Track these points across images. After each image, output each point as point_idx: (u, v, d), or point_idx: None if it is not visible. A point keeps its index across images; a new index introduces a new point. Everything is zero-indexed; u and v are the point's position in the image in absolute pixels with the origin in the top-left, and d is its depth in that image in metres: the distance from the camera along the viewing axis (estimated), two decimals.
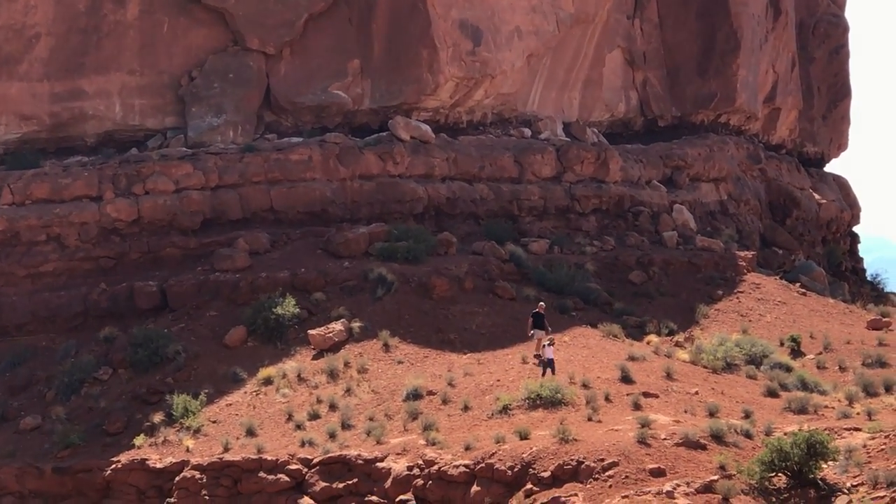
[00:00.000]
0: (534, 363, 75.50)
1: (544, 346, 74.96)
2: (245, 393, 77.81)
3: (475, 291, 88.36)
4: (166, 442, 73.64)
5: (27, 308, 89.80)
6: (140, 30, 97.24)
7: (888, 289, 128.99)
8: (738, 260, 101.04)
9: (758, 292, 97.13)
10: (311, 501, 67.13)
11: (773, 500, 57.77)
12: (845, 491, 57.29)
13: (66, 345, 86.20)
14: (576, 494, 58.39)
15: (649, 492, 57.64)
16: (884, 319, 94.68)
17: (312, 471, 67.94)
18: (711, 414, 66.98)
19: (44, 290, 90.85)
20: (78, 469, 73.35)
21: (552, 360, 73.48)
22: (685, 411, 68.49)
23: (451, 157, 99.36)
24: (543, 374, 72.57)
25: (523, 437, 64.14)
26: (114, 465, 72.63)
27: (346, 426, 71.35)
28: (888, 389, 74.34)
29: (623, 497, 57.63)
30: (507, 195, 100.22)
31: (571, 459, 60.61)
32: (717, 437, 62.36)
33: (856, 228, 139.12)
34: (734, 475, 58.50)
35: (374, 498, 65.48)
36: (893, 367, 79.78)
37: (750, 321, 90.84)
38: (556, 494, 59.01)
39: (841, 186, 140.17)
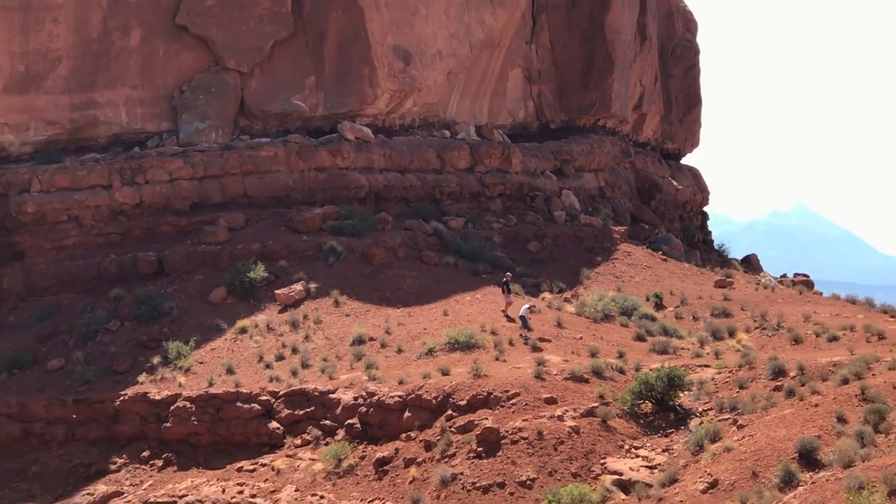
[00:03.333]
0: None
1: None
2: (225, 340, 77.74)
3: (406, 259, 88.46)
4: (163, 379, 73.59)
5: (53, 274, 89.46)
6: (141, 53, 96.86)
7: (731, 255, 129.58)
8: (613, 233, 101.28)
9: (629, 259, 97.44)
10: (278, 425, 67.14)
11: (642, 422, 58.05)
12: (698, 414, 57.65)
13: (83, 303, 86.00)
14: (486, 418, 58.56)
15: (544, 416, 57.84)
16: (728, 279, 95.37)
17: (279, 401, 68.01)
18: (593, 355, 67.32)
19: (66, 259, 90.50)
20: (93, 400, 73.25)
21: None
22: (572, 353, 68.76)
23: (387, 154, 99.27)
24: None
25: (445, 373, 64.34)
26: (122, 397, 72.58)
27: (305, 365, 71.52)
28: (731, 334, 74.93)
29: (524, 420, 57.76)
30: (431, 183, 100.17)
31: (483, 391, 60.81)
32: (597, 373, 62.68)
33: (706, 208, 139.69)
34: (611, 402, 58.83)
35: (327, 422, 65.66)
36: (735, 316, 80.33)
37: (623, 281, 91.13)
38: (471, 419, 59.16)
39: (694, 175, 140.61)
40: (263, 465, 65.46)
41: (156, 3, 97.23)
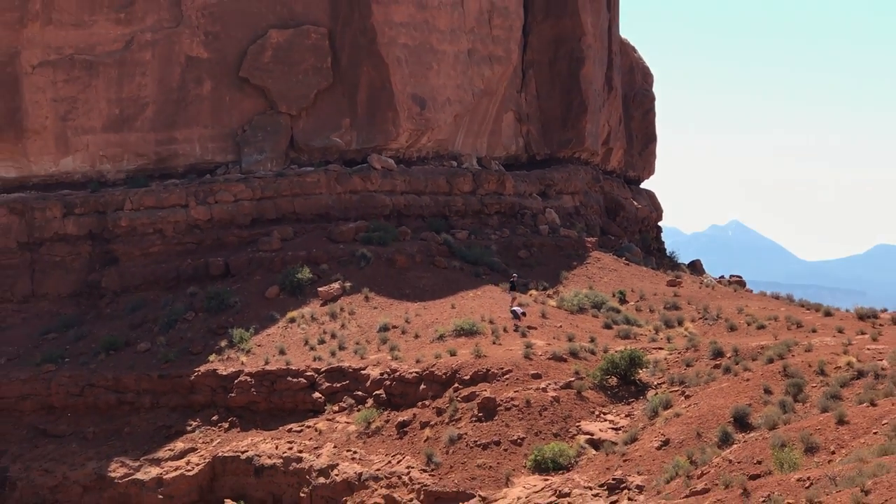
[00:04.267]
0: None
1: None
2: (278, 327, 77.76)
3: (422, 263, 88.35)
4: (229, 358, 73.78)
5: (141, 275, 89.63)
6: (211, 100, 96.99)
7: (679, 260, 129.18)
8: (586, 243, 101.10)
9: (599, 263, 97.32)
10: (320, 395, 67.43)
11: (609, 393, 58.19)
12: (653, 387, 57.82)
13: (165, 298, 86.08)
14: (486, 390, 58.76)
15: (532, 388, 58.01)
16: (677, 279, 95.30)
17: (321, 376, 68.28)
18: (570, 339, 67.36)
19: (152, 263, 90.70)
20: (174, 375, 73.58)
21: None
22: (554, 338, 68.82)
23: (407, 180, 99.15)
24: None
25: (452, 354, 64.51)
26: (196, 373, 72.94)
27: (341, 348, 71.68)
28: (680, 323, 74.94)
29: (515, 391, 57.95)
30: (442, 203, 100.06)
31: (483, 368, 61.00)
32: (574, 354, 62.82)
33: (660, 223, 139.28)
34: (584, 377, 58.98)
35: (359, 393, 65.92)
36: (683, 309, 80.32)
37: (594, 281, 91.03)
38: (474, 390, 59.37)
39: (650, 197, 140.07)
40: (308, 427, 65.72)
41: (223, 60, 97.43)
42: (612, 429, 54.27)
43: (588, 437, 53.75)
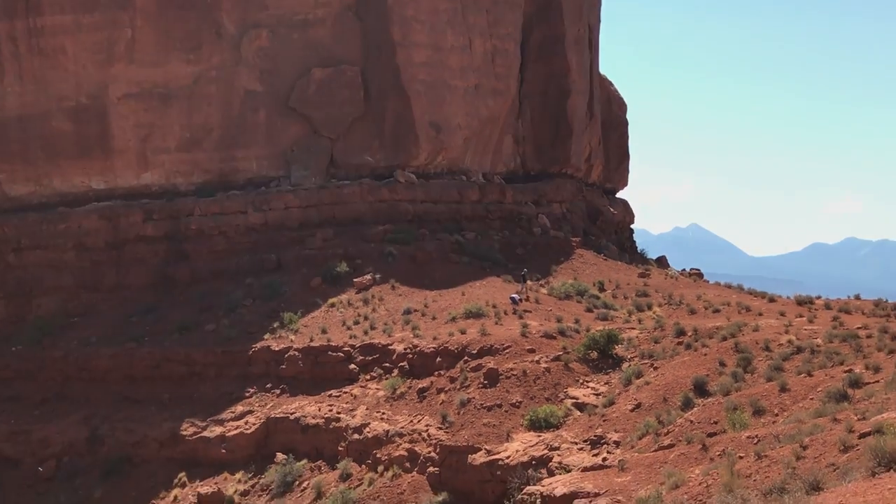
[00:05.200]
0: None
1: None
2: (321, 311, 77.91)
3: (438, 259, 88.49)
4: (280, 337, 73.82)
5: (208, 269, 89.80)
6: (266, 125, 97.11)
7: (648, 256, 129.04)
8: (571, 243, 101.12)
9: (582, 259, 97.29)
10: (355, 366, 67.30)
11: (591, 365, 57.96)
12: (627, 360, 57.53)
13: (228, 287, 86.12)
14: (490, 362, 58.56)
15: (527, 360, 57.83)
16: (646, 272, 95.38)
17: (356, 350, 68.16)
18: (559, 321, 67.20)
19: (217, 260, 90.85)
20: (235, 351, 73.62)
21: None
22: (546, 319, 68.68)
23: (426, 191, 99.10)
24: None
25: (463, 332, 64.43)
26: (253, 349, 72.97)
27: (373, 328, 71.67)
28: (649, 307, 74.83)
29: (514, 363, 57.79)
30: (454, 210, 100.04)
31: (487, 344, 60.84)
32: (562, 333, 62.61)
33: (632, 226, 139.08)
34: (570, 352, 58.71)
35: (387, 364, 65.85)
36: (651, 296, 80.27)
37: (578, 273, 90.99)
38: (480, 362, 59.24)
39: (624, 204, 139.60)
40: (345, 392, 65.70)
41: (275, 93, 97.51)
42: (594, 394, 54.10)
43: (574, 401, 53.59)
